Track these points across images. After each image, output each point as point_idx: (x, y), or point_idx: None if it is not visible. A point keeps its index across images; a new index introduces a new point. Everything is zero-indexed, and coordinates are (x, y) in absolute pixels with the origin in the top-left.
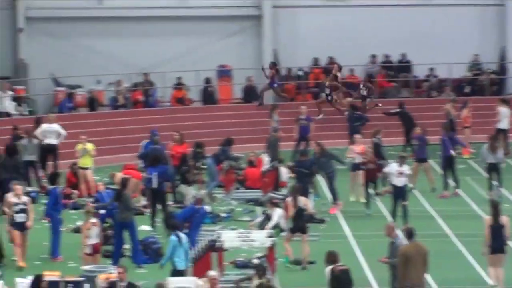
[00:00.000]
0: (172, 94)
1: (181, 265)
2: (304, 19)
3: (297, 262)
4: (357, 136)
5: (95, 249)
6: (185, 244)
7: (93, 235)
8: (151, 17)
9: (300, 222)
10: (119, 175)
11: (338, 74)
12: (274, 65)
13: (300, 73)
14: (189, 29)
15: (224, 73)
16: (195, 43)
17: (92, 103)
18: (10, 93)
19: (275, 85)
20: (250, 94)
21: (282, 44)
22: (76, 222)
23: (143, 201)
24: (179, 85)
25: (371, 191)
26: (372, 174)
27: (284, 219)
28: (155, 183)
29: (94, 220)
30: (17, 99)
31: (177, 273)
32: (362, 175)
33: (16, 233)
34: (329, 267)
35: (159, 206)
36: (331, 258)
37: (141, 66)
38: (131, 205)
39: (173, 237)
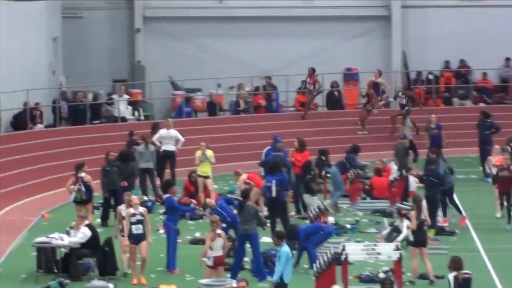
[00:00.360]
0: (296, 98)
1: (288, 279)
2: (434, 19)
3: (424, 277)
4: (496, 147)
5: (219, 262)
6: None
7: (217, 247)
8: (274, 17)
9: (421, 235)
10: (244, 177)
11: (379, 81)
12: (313, 72)
13: (430, 76)
14: (314, 30)
15: (351, 76)
16: (320, 44)
17: (212, 107)
18: (126, 96)
19: (315, 93)
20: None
21: (411, 46)
22: (194, 233)
23: (265, 211)
24: (303, 89)
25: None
26: (507, 183)
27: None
28: (274, 192)
29: (219, 231)
30: (133, 103)
31: (284, 287)
32: (497, 186)
33: (132, 247)
34: (453, 274)
35: (279, 217)
36: (455, 264)
37: (263, 69)
38: (255, 216)
39: (286, 249)
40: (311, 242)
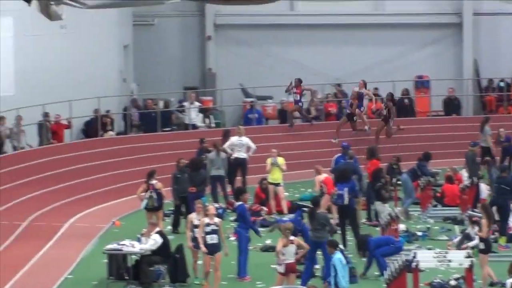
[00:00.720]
0: (368, 105)
1: (344, 286)
2: (506, 26)
3: (493, 284)
4: None
5: (290, 269)
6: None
7: (290, 254)
8: (345, 24)
9: (488, 242)
10: (321, 178)
11: (363, 91)
12: (299, 82)
13: (502, 84)
14: (385, 37)
15: (422, 84)
16: (392, 52)
17: (283, 115)
18: (197, 104)
19: (300, 103)
20: (451, 106)
21: (483, 53)
22: (265, 240)
23: (336, 219)
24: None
25: None
26: None
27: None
28: (346, 200)
29: (292, 237)
30: (204, 111)
31: None
32: None
33: (206, 257)
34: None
35: (349, 224)
36: None
37: (334, 76)
38: (326, 224)
39: (338, 256)
40: (379, 252)
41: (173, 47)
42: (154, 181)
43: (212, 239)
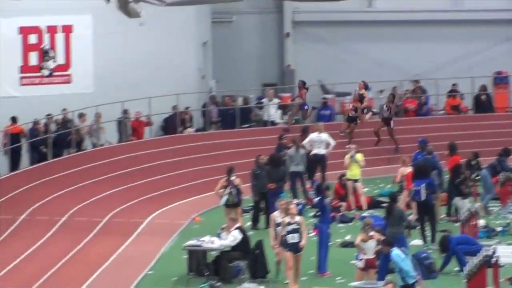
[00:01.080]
0: (447, 101)
1: (411, 279)
2: None
3: None
4: None
5: (370, 264)
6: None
7: (370, 249)
8: (424, 21)
9: None
10: (404, 172)
11: (364, 93)
12: (303, 84)
13: None
14: (463, 33)
15: (501, 80)
16: (470, 48)
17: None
18: (276, 100)
19: (306, 107)
20: None
21: None
22: (345, 236)
23: (414, 215)
24: (452, 92)
25: None
26: None
27: None
28: (423, 196)
29: (372, 233)
30: (283, 107)
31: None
32: None
33: (288, 255)
34: None
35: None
36: None
37: (413, 73)
38: (402, 219)
39: (395, 252)
40: (460, 249)
41: (251, 44)
42: (233, 177)
43: (293, 238)
